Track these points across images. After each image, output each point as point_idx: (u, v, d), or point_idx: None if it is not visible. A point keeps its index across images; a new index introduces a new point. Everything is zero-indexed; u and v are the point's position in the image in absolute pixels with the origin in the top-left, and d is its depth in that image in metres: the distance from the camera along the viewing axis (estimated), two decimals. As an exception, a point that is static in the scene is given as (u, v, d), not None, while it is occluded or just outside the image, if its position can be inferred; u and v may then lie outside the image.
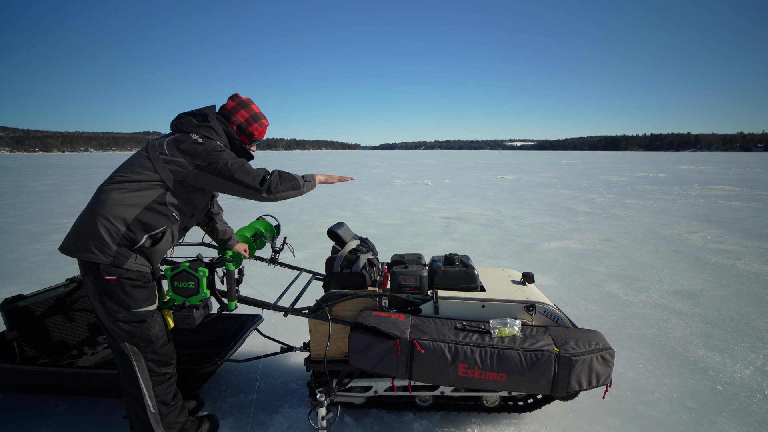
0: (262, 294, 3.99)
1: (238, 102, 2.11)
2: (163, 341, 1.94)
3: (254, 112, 2.12)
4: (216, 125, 2.00)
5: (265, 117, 2.18)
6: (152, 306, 1.89)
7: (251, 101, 2.14)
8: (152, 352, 1.90)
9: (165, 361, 1.95)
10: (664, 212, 9.79)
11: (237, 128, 2.10)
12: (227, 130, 2.05)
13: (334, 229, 2.45)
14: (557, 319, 2.11)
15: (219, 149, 1.89)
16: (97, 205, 1.80)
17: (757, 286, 4.54)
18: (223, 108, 2.11)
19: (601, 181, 19.07)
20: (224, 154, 1.89)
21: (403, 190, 15.00)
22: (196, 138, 1.90)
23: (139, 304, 1.84)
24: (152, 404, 1.94)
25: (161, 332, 1.93)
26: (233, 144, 2.07)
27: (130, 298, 1.81)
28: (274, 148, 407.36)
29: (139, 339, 1.87)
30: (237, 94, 2.13)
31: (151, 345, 1.89)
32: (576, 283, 4.68)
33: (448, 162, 48.00)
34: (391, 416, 2.34)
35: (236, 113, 2.09)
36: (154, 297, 1.91)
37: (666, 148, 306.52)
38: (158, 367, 1.94)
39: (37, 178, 21.44)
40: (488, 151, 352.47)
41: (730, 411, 2.41)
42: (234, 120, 2.08)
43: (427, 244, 6.49)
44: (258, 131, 2.14)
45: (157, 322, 1.92)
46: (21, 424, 2.30)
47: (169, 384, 2.00)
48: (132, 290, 1.81)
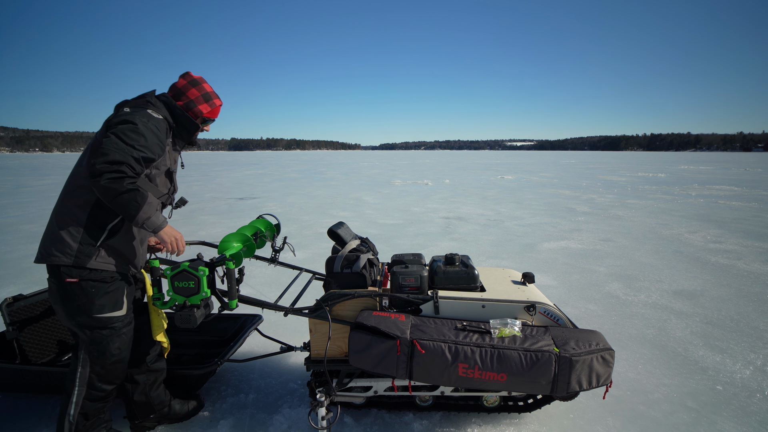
0: (262, 294, 3.98)
1: (188, 80, 1.98)
2: (117, 359, 1.87)
3: (206, 92, 2.00)
4: (153, 99, 1.89)
5: (218, 96, 2.05)
6: (117, 312, 1.82)
7: (203, 80, 2.01)
8: (100, 366, 1.84)
9: (110, 379, 1.89)
10: (664, 212, 9.79)
11: (185, 107, 1.96)
12: (169, 103, 1.92)
13: (334, 229, 2.45)
14: (557, 320, 2.11)
15: (132, 114, 1.74)
16: (55, 208, 1.80)
17: (757, 286, 4.54)
18: (172, 87, 1.98)
19: (601, 181, 19.06)
20: (132, 116, 1.72)
21: (403, 190, 14.99)
22: (125, 109, 1.78)
23: (101, 309, 1.78)
24: (73, 413, 1.86)
25: (120, 350, 1.86)
26: (175, 114, 1.93)
27: (91, 302, 1.76)
28: (274, 148, 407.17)
29: (94, 348, 1.81)
30: (188, 73, 2.00)
31: (102, 359, 1.83)
32: (576, 283, 4.68)
33: (448, 162, 48.00)
34: (391, 416, 2.34)
35: (186, 92, 1.96)
36: (121, 303, 1.84)
37: (666, 148, 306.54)
38: (100, 382, 1.87)
39: (37, 178, 21.43)
40: (488, 151, 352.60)
41: (730, 411, 2.41)
42: (183, 99, 1.95)
43: (427, 244, 6.49)
44: (209, 111, 2.01)
45: (120, 338, 1.85)
46: (21, 424, 2.30)
47: (101, 403, 1.92)
48: (94, 294, 1.76)
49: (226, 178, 21.52)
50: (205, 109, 2.00)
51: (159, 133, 1.80)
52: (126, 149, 1.65)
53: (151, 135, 1.75)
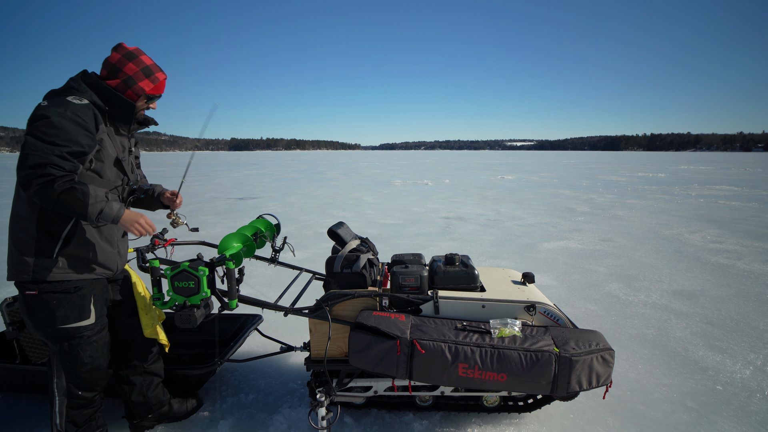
0: (262, 294, 3.98)
1: (123, 54, 1.73)
2: (91, 367, 1.81)
3: (145, 65, 1.76)
4: (76, 83, 1.68)
5: (160, 69, 1.81)
6: (84, 322, 1.76)
7: (141, 51, 1.77)
8: (75, 375, 1.80)
9: (88, 386, 1.84)
10: (664, 212, 9.79)
11: (122, 83, 1.73)
12: (95, 84, 1.70)
13: (334, 229, 2.45)
14: (557, 320, 2.11)
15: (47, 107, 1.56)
16: (10, 223, 1.73)
17: (757, 286, 4.54)
18: (105, 62, 1.75)
19: (601, 181, 19.06)
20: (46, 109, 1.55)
21: (403, 190, 14.99)
22: (42, 102, 1.61)
23: (65, 320, 1.72)
24: (59, 422, 1.84)
25: (92, 358, 1.80)
26: (105, 96, 1.71)
27: (52, 314, 1.71)
28: (274, 148, 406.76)
29: (65, 358, 1.77)
30: (121, 44, 1.76)
31: (75, 368, 1.79)
32: (576, 283, 4.68)
33: (448, 162, 48.00)
34: (391, 416, 2.34)
35: (123, 67, 1.72)
36: (87, 312, 1.77)
37: (666, 148, 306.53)
38: (79, 390, 1.82)
39: (37, 178, 21.42)
40: (488, 151, 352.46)
41: (730, 411, 2.41)
42: (120, 76, 1.72)
43: (427, 244, 6.49)
44: (152, 87, 1.79)
45: (91, 346, 1.79)
46: (21, 424, 2.30)
47: (88, 409, 1.88)
48: (55, 306, 1.70)
49: (226, 178, 21.51)
50: (147, 85, 1.77)
51: (82, 121, 1.60)
52: (45, 148, 1.49)
53: (71, 125, 1.56)
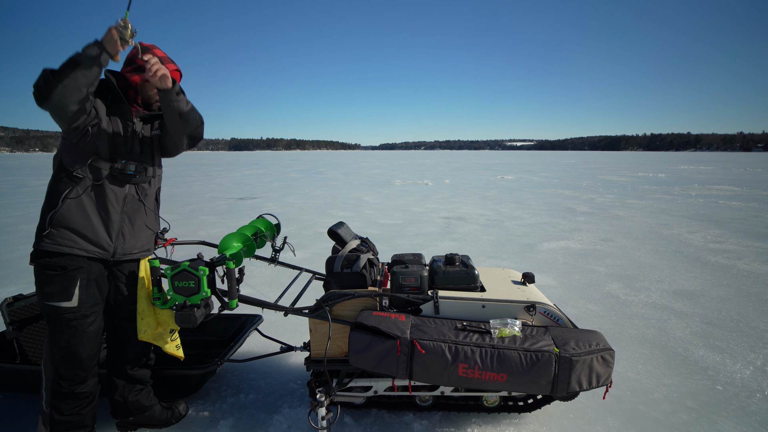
0: (262, 294, 3.98)
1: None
2: (68, 353, 1.78)
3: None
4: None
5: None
6: (65, 303, 1.74)
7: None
8: (54, 358, 1.79)
9: (64, 374, 1.81)
10: (664, 212, 9.79)
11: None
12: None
13: (334, 229, 2.45)
14: (557, 320, 2.11)
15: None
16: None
17: (757, 286, 4.54)
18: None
19: (601, 181, 19.06)
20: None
21: (403, 190, 14.99)
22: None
23: (49, 297, 1.74)
24: (44, 404, 1.84)
25: (69, 343, 1.78)
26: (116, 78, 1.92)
27: (41, 289, 1.76)
28: (274, 148, 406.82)
29: (48, 337, 1.80)
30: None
31: (52, 349, 1.79)
32: (576, 283, 4.68)
33: (448, 162, 48.00)
34: (391, 416, 2.34)
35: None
36: (70, 294, 1.75)
37: (666, 148, 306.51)
38: (57, 375, 1.80)
39: (37, 178, 21.41)
40: (488, 151, 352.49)
41: (730, 411, 2.41)
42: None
43: (427, 244, 6.49)
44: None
45: (70, 330, 1.76)
46: (21, 424, 2.30)
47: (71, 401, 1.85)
48: (43, 281, 1.74)
49: (226, 178, 21.51)
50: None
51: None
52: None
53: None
